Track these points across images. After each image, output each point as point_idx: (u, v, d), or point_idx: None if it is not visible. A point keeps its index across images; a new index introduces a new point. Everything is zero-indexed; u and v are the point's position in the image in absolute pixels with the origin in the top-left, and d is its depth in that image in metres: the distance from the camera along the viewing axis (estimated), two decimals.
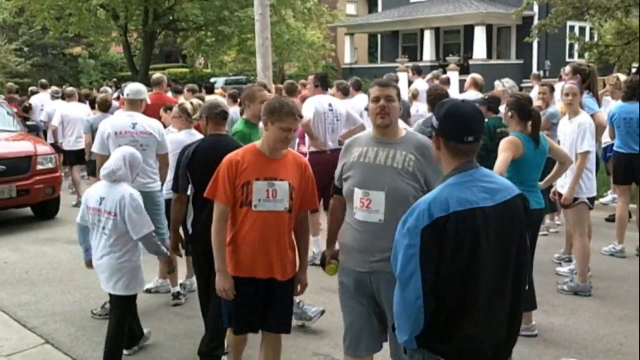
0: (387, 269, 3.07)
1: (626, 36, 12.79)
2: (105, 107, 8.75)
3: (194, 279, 6.52)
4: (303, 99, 8.74)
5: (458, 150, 2.67)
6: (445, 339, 2.61)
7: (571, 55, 30.81)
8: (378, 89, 3.60)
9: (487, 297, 2.61)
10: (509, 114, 5.16)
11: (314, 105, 7.63)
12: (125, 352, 4.90)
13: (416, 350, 2.66)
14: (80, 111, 11.26)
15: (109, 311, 4.99)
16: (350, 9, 42.72)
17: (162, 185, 6.21)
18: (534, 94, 9.42)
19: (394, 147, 3.57)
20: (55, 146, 11.22)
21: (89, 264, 4.91)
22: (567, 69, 9.95)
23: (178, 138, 6.39)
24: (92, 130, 9.29)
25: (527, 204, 2.77)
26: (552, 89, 8.22)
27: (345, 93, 8.71)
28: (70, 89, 12.72)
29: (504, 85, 7.72)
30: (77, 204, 11.16)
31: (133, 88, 6.24)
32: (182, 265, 6.44)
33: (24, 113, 11.93)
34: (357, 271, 3.64)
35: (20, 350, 5.21)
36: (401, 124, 3.88)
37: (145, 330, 5.26)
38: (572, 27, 29.56)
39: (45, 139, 11.81)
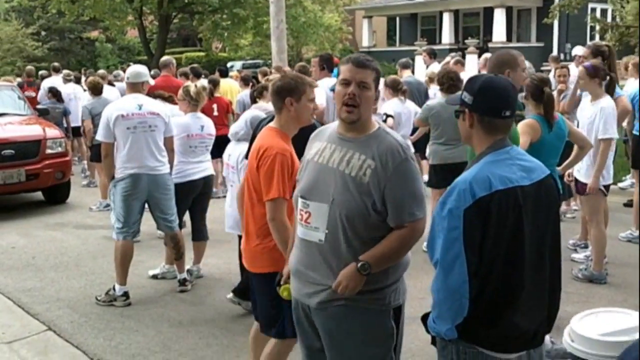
0: (329, 298, 2.83)
1: None
2: (97, 90, 8.56)
3: (200, 265, 6.44)
4: None
5: (494, 126, 2.56)
6: (488, 325, 2.48)
7: (592, 38, 30.05)
8: (351, 69, 2.77)
9: (530, 277, 2.50)
10: (525, 96, 4.95)
11: (324, 90, 7.42)
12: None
13: (451, 341, 2.52)
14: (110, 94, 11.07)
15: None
16: None
17: (171, 169, 6.04)
18: (551, 76, 9.13)
19: (353, 148, 2.79)
20: (78, 129, 11.36)
21: None
22: (581, 50, 9.65)
23: (183, 121, 6.25)
24: (92, 116, 9.21)
25: (557, 184, 2.66)
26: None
27: None
28: (101, 71, 12.61)
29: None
30: (88, 185, 11.13)
31: (133, 71, 6.06)
32: (189, 250, 6.33)
33: (53, 97, 11.84)
34: (296, 300, 3.05)
35: (22, 337, 5.12)
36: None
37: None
38: (593, 9, 28.97)
39: (66, 123, 11.78)
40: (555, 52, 27.85)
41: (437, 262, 2.51)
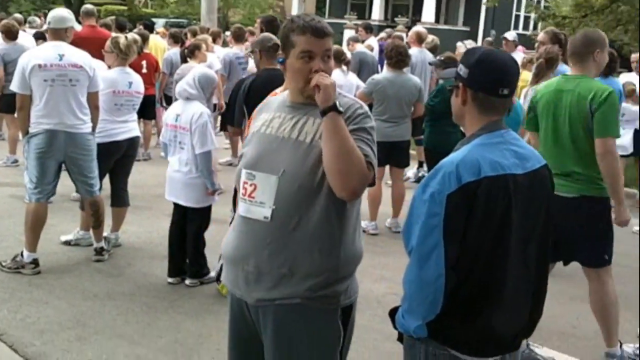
0: (270, 295, 2.45)
1: (584, 9, 12.68)
2: (12, 34, 7.83)
3: (119, 233, 5.97)
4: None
5: (489, 104, 2.28)
6: (463, 324, 2.22)
7: (516, 27, 30.94)
8: (312, 40, 2.40)
9: (514, 275, 2.25)
10: None
11: None
12: (187, 281, 5.14)
13: (420, 340, 2.25)
14: (25, 41, 10.18)
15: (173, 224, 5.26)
16: None
17: (94, 128, 5.49)
18: None
19: (307, 113, 2.48)
20: None
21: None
22: (511, 35, 9.60)
23: (109, 76, 5.72)
24: (4, 62, 8.44)
25: (552, 176, 2.42)
26: None
27: None
28: (17, 15, 11.60)
29: (466, 46, 7.30)
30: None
31: (56, 15, 5.39)
32: (107, 217, 5.83)
33: None
34: (232, 293, 2.63)
35: None
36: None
37: (212, 273, 5.15)
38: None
39: None
40: (480, 37, 28.34)
41: (412, 250, 2.24)
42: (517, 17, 31.73)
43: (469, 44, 7.46)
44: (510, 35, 9.66)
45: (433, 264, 2.17)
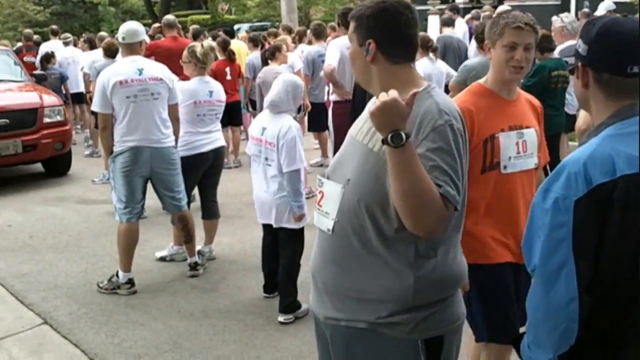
0: (337, 315, 2.19)
1: None
2: (111, 52, 7.90)
3: (213, 245, 5.84)
4: None
5: (616, 86, 1.85)
6: (605, 357, 1.84)
7: None
8: None
9: None
10: None
11: (338, 48, 6.70)
12: (281, 318, 4.57)
13: None
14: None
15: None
16: None
17: (176, 140, 5.38)
18: None
19: None
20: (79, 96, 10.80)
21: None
22: (606, 7, 8.72)
23: (189, 87, 5.57)
24: None
25: None
26: None
27: None
28: (102, 33, 11.89)
29: (562, 20, 6.73)
30: (91, 154, 10.52)
31: (129, 29, 5.25)
32: (199, 229, 5.71)
33: (46, 62, 11.11)
34: (311, 308, 2.41)
35: (14, 333, 4.54)
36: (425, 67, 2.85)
37: (303, 306, 4.61)
38: None
39: (64, 89, 11.10)
40: (572, 10, 26.90)
41: (535, 269, 1.86)
42: None
43: (566, 17, 6.85)
44: (605, 6, 8.72)
45: (563, 285, 1.78)
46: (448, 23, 9.27)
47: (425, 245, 2.09)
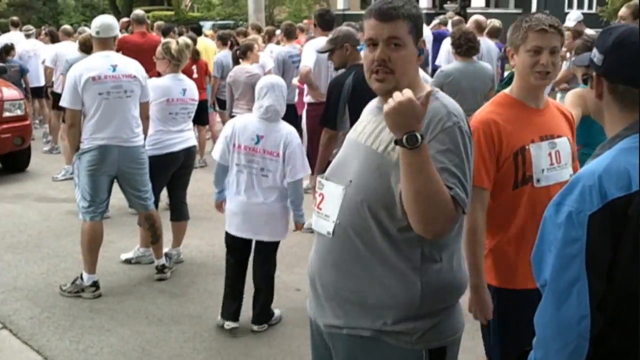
0: (339, 322, 2.12)
1: None
2: (87, 47, 7.65)
3: (181, 248, 5.67)
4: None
5: (632, 98, 1.78)
6: None
7: (570, 6, 29.86)
8: (375, 24, 2.08)
9: None
10: (575, 61, 4.23)
11: (314, 50, 6.58)
12: (255, 328, 4.35)
13: None
14: (74, 51, 10.02)
15: (227, 264, 4.43)
16: None
17: (145, 139, 5.21)
18: None
19: None
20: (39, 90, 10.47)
21: (221, 205, 4.47)
22: (576, 17, 8.80)
23: (162, 84, 5.40)
24: None
25: None
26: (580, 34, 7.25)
27: None
28: (67, 26, 11.53)
29: None
30: (50, 151, 10.20)
31: (104, 23, 5.04)
32: (167, 231, 5.54)
33: (6, 55, 10.71)
34: (309, 315, 2.32)
35: None
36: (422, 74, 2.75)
37: (276, 312, 4.50)
38: None
39: (24, 83, 10.72)
40: None
41: (546, 284, 1.79)
42: None
43: None
44: (574, 16, 8.79)
45: (574, 302, 1.71)
46: None
47: (430, 248, 2.05)
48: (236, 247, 4.34)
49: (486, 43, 7.93)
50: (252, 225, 4.24)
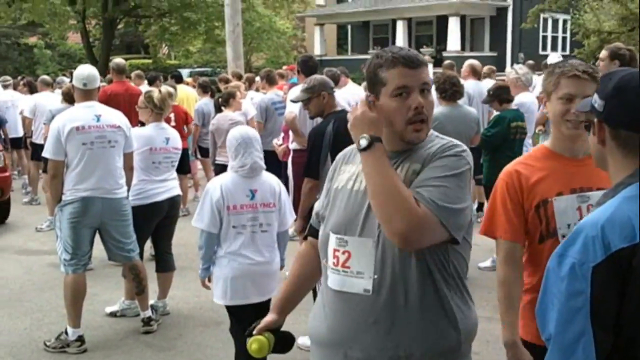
0: None
1: (630, 22, 12.01)
2: (71, 97, 7.63)
3: (167, 300, 5.56)
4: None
5: (635, 143, 1.75)
6: None
7: (544, 48, 30.51)
8: (407, 71, 2.04)
9: None
10: None
11: None
12: None
13: None
14: (54, 102, 9.93)
15: (237, 336, 3.90)
16: None
17: (128, 189, 5.15)
18: (539, 84, 8.58)
19: (401, 160, 2.11)
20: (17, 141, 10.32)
21: (209, 281, 4.05)
22: (556, 57, 9.06)
23: (145, 133, 5.39)
24: None
25: None
26: None
27: (334, 82, 7.75)
28: (45, 77, 11.49)
29: (517, 72, 6.84)
30: (30, 202, 10.06)
31: (90, 74, 5.00)
32: (153, 282, 5.44)
33: None
34: None
35: None
36: None
37: None
38: (545, 20, 29.17)
39: (3, 134, 10.59)
40: (508, 62, 27.85)
41: (551, 338, 1.75)
42: (545, 37, 31.27)
43: (520, 68, 6.96)
44: (555, 57, 9.13)
45: (581, 357, 1.67)
46: None
47: (455, 284, 2.09)
48: (245, 315, 3.74)
49: (479, 86, 8.05)
50: (261, 286, 3.91)
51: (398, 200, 1.93)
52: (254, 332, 2.33)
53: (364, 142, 2.02)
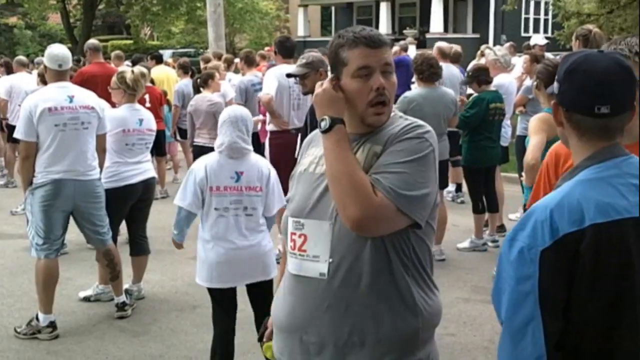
0: None
1: (609, 5, 12.02)
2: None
3: (141, 284, 5.48)
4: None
5: (588, 127, 1.74)
6: None
7: (526, 30, 30.49)
8: (369, 51, 1.99)
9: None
10: (537, 85, 4.22)
11: (276, 77, 6.49)
12: None
13: None
14: (30, 83, 9.74)
15: (217, 321, 3.87)
16: None
17: (101, 171, 5.04)
18: (518, 66, 8.52)
19: (363, 142, 2.06)
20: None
21: (181, 245, 4.10)
22: (541, 39, 9.01)
23: (118, 114, 5.26)
24: None
25: None
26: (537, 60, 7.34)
27: None
28: (21, 57, 11.26)
29: (495, 53, 6.78)
30: (6, 185, 9.92)
31: (65, 55, 4.87)
32: (128, 266, 5.36)
33: None
34: None
35: None
36: None
37: None
38: (527, 2, 29.17)
39: None
40: (491, 44, 27.82)
41: (503, 322, 1.74)
42: (527, 20, 31.22)
43: (498, 50, 6.91)
44: (540, 39, 9.01)
45: (529, 341, 1.65)
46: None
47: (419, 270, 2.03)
48: (226, 299, 3.81)
49: (449, 69, 7.97)
50: (244, 270, 3.79)
51: (355, 187, 1.89)
52: (264, 339, 2.33)
53: (324, 124, 2.00)
